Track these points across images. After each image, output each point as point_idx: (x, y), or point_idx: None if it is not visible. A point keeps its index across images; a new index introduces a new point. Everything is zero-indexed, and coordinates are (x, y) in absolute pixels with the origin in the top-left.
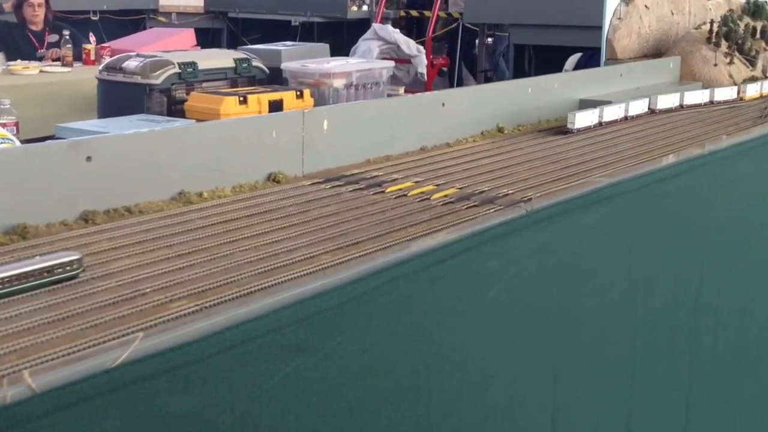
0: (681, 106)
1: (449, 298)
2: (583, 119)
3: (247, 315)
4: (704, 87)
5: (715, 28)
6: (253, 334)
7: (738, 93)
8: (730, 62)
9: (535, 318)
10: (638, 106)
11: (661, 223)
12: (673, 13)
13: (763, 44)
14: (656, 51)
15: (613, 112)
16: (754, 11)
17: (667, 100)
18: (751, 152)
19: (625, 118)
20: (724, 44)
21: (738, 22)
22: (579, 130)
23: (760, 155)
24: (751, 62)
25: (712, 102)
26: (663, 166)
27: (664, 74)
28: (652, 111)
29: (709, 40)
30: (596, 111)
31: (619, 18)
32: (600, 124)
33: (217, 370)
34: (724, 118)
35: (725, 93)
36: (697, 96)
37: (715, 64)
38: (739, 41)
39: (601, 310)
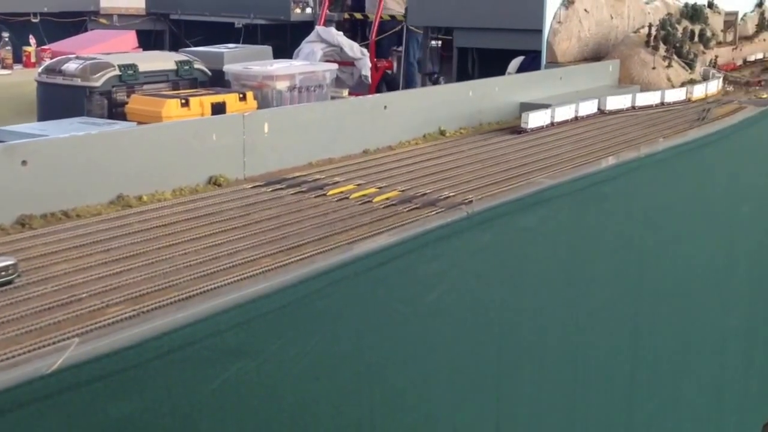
0: (633, 107)
1: (391, 300)
2: (536, 119)
3: (186, 319)
4: (642, 90)
5: (654, 31)
6: (191, 339)
7: (686, 94)
8: (669, 65)
9: (478, 319)
10: (588, 107)
11: (600, 223)
12: (612, 17)
13: (701, 47)
14: (596, 54)
15: (564, 113)
16: (692, 15)
17: (617, 102)
18: (687, 155)
19: (576, 118)
20: (662, 48)
21: (676, 25)
22: (532, 130)
23: (695, 157)
24: (689, 65)
25: (662, 104)
26: (601, 168)
27: (603, 77)
28: (601, 112)
29: (647, 43)
30: (548, 111)
31: (559, 22)
32: (552, 124)
33: (156, 376)
34: (662, 120)
35: (675, 95)
36: (648, 98)
37: (654, 68)
38: (677, 45)
39: (543, 309)
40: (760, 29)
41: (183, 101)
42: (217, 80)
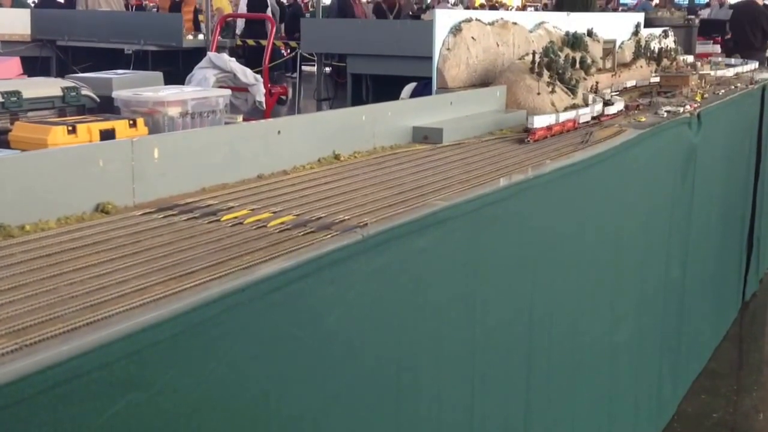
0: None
1: (288, 325)
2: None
3: (72, 352)
4: (529, 115)
5: (537, 58)
6: (78, 372)
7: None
8: (552, 91)
9: (376, 342)
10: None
11: (494, 245)
12: (498, 45)
13: (583, 74)
14: (484, 80)
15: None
16: (573, 43)
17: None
18: (572, 176)
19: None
20: (546, 74)
21: (558, 53)
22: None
23: (580, 178)
24: (572, 91)
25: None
26: (493, 190)
27: (491, 102)
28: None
29: (532, 70)
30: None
31: (448, 49)
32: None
33: (41, 411)
34: (547, 144)
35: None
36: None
37: (539, 93)
38: (560, 71)
39: (440, 329)
40: (636, 56)
41: (70, 128)
42: (106, 107)
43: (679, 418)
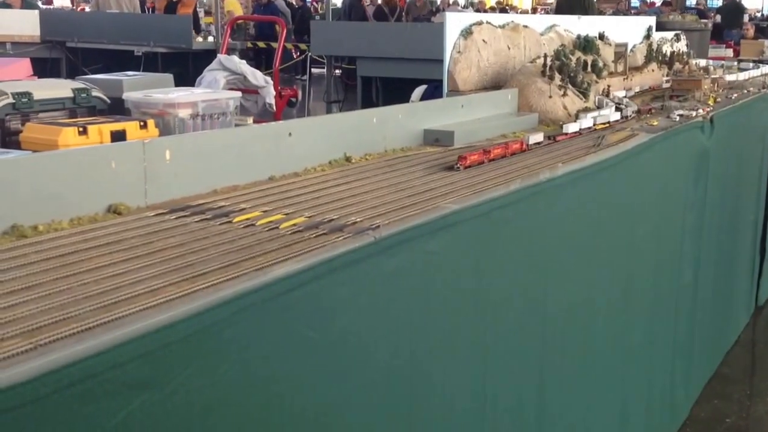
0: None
1: (300, 327)
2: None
3: (86, 351)
4: (541, 118)
5: (549, 62)
6: (93, 372)
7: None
8: (564, 94)
9: (388, 344)
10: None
11: (505, 247)
12: (509, 48)
13: (594, 77)
14: (495, 83)
15: None
16: (585, 46)
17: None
18: (585, 179)
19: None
20: (557, 77)
21: (570, 56)
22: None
23: (593, 182)
24: (584, 94)
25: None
26: (504, 193)
27: (503, 105)
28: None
29: (543, 73)
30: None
31: (459, 51)
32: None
33: (56, 411)
34: (558, 147)
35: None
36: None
37: (550, 96)
38: (572, 74)
39: (452, 333)
40: (648, 60)
41: (81, 129)
42: (117, 108)
43: (691, 422)
